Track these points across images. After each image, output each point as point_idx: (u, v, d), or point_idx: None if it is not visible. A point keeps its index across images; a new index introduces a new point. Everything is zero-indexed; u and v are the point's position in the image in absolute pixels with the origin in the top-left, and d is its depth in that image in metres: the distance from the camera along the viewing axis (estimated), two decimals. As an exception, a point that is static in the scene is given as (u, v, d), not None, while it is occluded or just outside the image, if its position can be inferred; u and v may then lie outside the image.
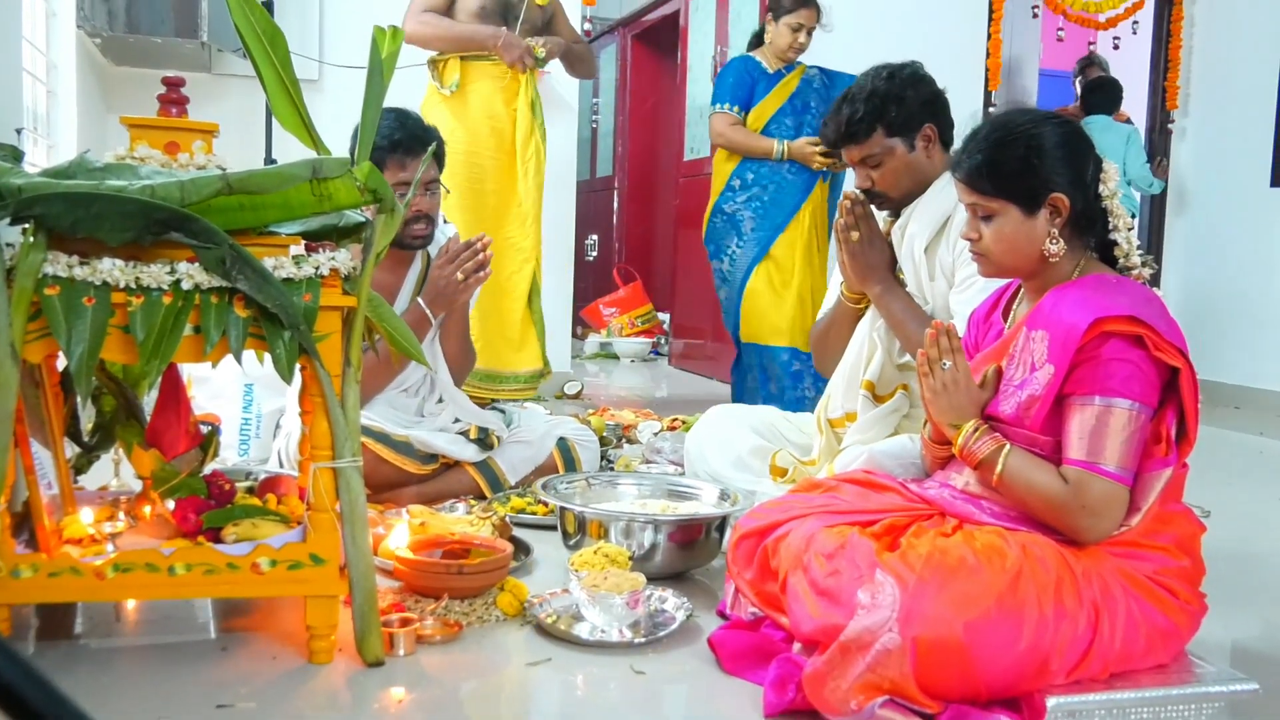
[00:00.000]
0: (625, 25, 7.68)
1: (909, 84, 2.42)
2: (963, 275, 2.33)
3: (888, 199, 2.46)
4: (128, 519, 1.91)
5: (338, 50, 4.61)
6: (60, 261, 1.59)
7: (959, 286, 2.35)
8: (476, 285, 2.73)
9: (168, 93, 1.84)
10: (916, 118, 2.41)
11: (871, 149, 2.41)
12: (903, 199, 2.46)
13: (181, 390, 1.98)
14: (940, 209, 2.40)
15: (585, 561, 2.02)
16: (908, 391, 2.41)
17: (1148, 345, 1.62)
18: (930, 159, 2.44)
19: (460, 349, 2.88)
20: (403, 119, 2.72)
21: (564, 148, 5.12)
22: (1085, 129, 1.83)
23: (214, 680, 1.69)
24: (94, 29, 3.79)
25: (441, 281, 2.70)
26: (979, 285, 2.26)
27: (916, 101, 2.41)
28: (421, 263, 2.85)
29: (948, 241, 2.38)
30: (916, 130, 2.41)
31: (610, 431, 3.70)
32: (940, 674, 1.50)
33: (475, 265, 2.69)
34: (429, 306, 2.71)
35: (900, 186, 2.43)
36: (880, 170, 2.42)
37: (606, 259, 7.80)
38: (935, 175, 2.44)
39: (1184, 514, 1.73)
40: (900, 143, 2.41)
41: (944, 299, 2.39)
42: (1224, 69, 5.69)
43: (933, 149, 2.44)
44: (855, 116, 2.39)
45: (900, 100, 2.40)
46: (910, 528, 1.76)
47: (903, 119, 2.39)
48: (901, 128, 2.40)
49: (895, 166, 2.41)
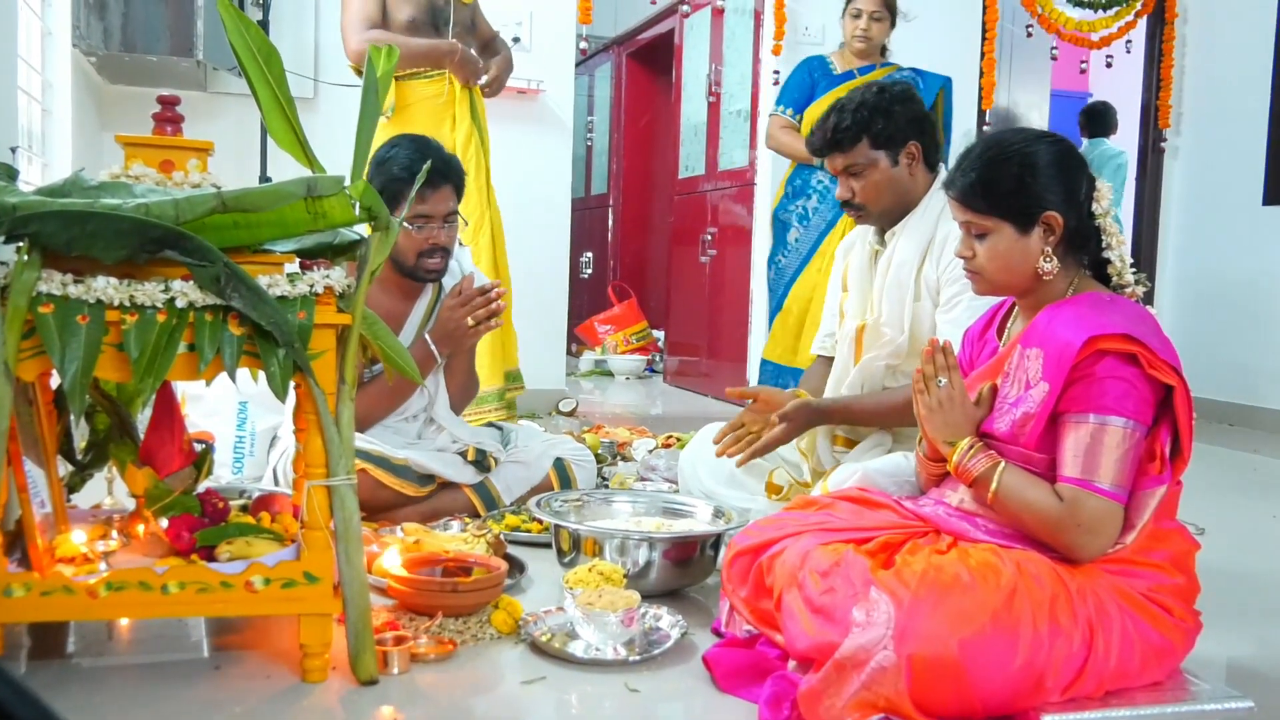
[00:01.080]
0: (620, 44, 7.71)
1: (898, 100, 2.45)
2: (948, 294, 2.36)
3: (867, 212, 2.49)
4: (121, 537, 1.90)
5: (333, 69, 4.62)
6: (54, 279, 1.59)
7: (944, 306, 2.37)
8: (486, 331, 2.73)
9: (163, 111, 1.84)
10: (902, 133, 2.44)
11: (855, 159, 2.44)
12: (882, 214, 2.49)
13: (175, 408, 1.98)
14: (926, 231, 2.43)
15: (580, 579, 2.02)
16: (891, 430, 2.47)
17: (1142, 363, 1.62)
18: (913, 177, 2.47)
19: (464, 384, 2.89)
20: (423, 149, 2.70)
21: (559, 166, 5.13)
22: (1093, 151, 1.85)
23: (207, 699, 1.68)
24: (89, 47, 3.79)
25: (451, 324, 2.69)
26: (964, 303, 2.29)
27: (904, 117, 2.44)
28: (433, 293, 2.84)
29: (933, 261, 2.41)
30: (901, 146, 2.44)
31: (605, 449, 3.70)
32: (935, 692, 1.50)
33: (487, 313, 2.69)
34: (436, 345, 2.70)
35: (881, 200, 2.46)
36: (862, 181, 2.45)
37: (601, 276, 7.81)
38: (917, 194, 2.48)
39: (1178, 531, 1.73)
40: (884, 156, 2.44)
41: (929, 318, 2.41)
42: (1216, 88, 5.72)
43: (916, 167, 2.47)
44: (842, 125, 2.43)
45: (888, 114, 2.43)
46: (905, 545, 1.76)
47: (889, 133, 2.43)
48: (887, 141, 2.43)
49: (877, 179, 2.44)
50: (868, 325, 2.51)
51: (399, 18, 3.76)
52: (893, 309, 2.46)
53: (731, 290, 5.68)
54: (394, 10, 3.76)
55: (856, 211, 2.50)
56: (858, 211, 2.50)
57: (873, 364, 2.47)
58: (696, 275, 6.06)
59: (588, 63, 8.03)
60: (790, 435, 2.44)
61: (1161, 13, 5.82)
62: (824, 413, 2.47)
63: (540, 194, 4.91)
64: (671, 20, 6.48)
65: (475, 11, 4.05)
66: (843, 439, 2.53)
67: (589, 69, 8.11)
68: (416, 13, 3.77)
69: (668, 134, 6.70)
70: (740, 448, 2.45)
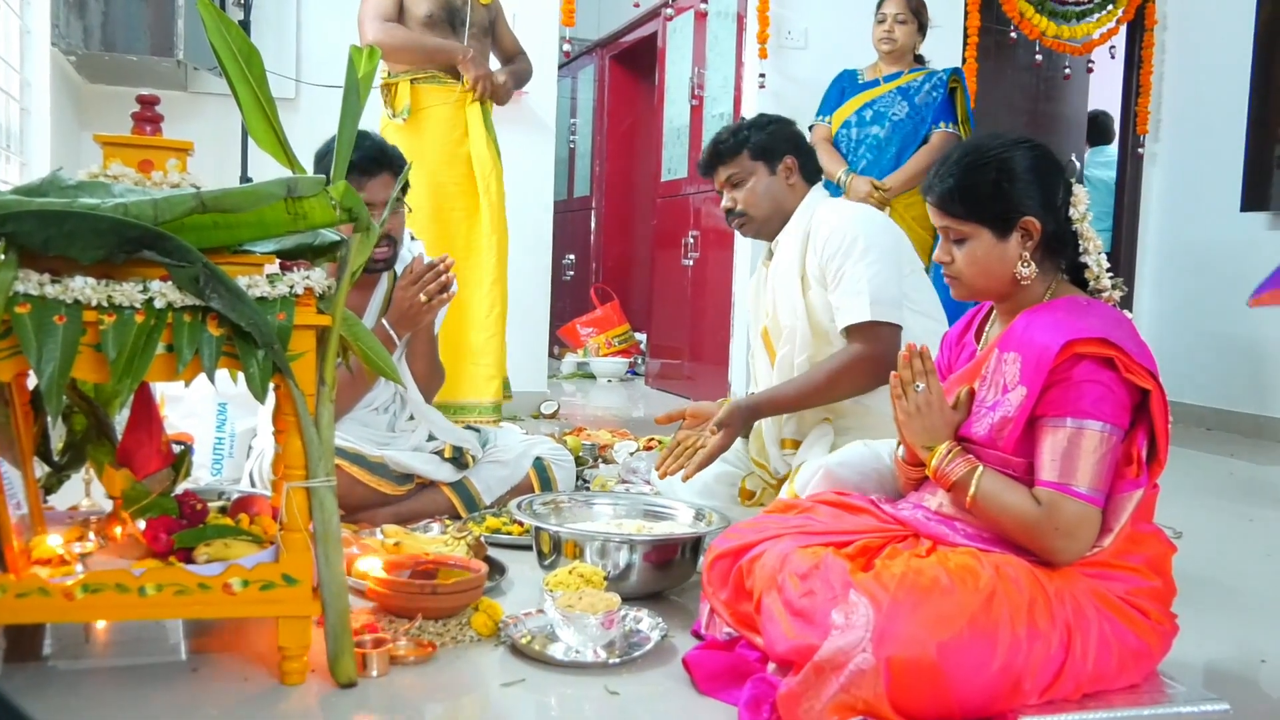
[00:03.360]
0: (603, 46, 7.71)
1: (775, 121, 2.69)
2: (831, 271, 2.48)
3: (749, 219, 2.67)
4: (98, 539, 1.89)
5: (314, 69, 4.61)
6: (31, 279, 1.58)
7: (832, 286, 2.48)
8: (440, 306, 2.73)
9: (142, 110, 1.83)
10: (779, 148, 2.64)
11: (734, 169, 2.64)
12: (763, 223, 2.66)
13: (153, 409, 1.97)
14: (800, 229, 2.59)
15: (560, 582, 2.02)
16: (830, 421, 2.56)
17: (1119, 367, 1.64)
18: (791, 188, 2.66)
19: (428, 369, 2.87)
20: (359, 140, 2.70)
21: (541, 168, 5.13)
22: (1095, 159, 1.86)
23: (185, 702, 1.67)
24: (69, 46, 3.77)
25: (405, 303, 2.68)
26: (846, 274, 2.44)
27: (781, 135, 2.66)
28: (387, 283, 2.84)
29: (814, 251, 2.53)
30: (779, 159, 2.63)
31: (586, 451, 3.70)
32: (914, 694, 1.51)
33: (438, 286, 2.69)
34: (393, 327, 2.70)
35: (761, 208, 2.64)
36: (742, 190, 2.65)
37: (584, 279, 7.81)
38: (795, 205, 2.64)
39: (1155, 534, 1.74)
40: (763, 166, 2.64)
41: (822, 304, 2.51)
42: (1195, 94, 5.75)
43: (794, 178, 2.65)
44: (721, 140, 2.67)
45: (763, 129, 2.65)
46: (884, 549, 1.77)
47: (766, 145, 2.63)
48: (765, 153, 2.63)
49: (756, 188, 2.64)
50: (768, 327, 2.65)
51: (416, 12, 3.76)
52: (785, 303, 2.58)
53: (714, 293, 5.69)
54: (411, 5, 3.77)
55: (739, 220, 2.67)
56: (740, 220, 2.67)
57: (787, 360, 2.55)
58: (679, 278, 6.07)
59: (570, 65, 8.02)
60: (730, 439, 2.47)
61: (1141, 20, 5.86)
62: (755, 408, 2.52)
63: (523, 196, 4.90)
64: (654, 23, 6.49)
65: (498, 18, 4.05)
66: (790, 442, 2.58)
67: (572, 71, 8.11)
68: (434, 9, 3.77)
69: (650, 137, 6.70)
70: (682, 463, 2.46)
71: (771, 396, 2.52)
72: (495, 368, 3.82)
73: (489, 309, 3.85)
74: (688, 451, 2.46)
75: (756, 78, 5.15)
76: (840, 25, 5.13)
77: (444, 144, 3.81)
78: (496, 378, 3.83)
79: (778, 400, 2.51)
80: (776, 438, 2.60)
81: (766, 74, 5.14)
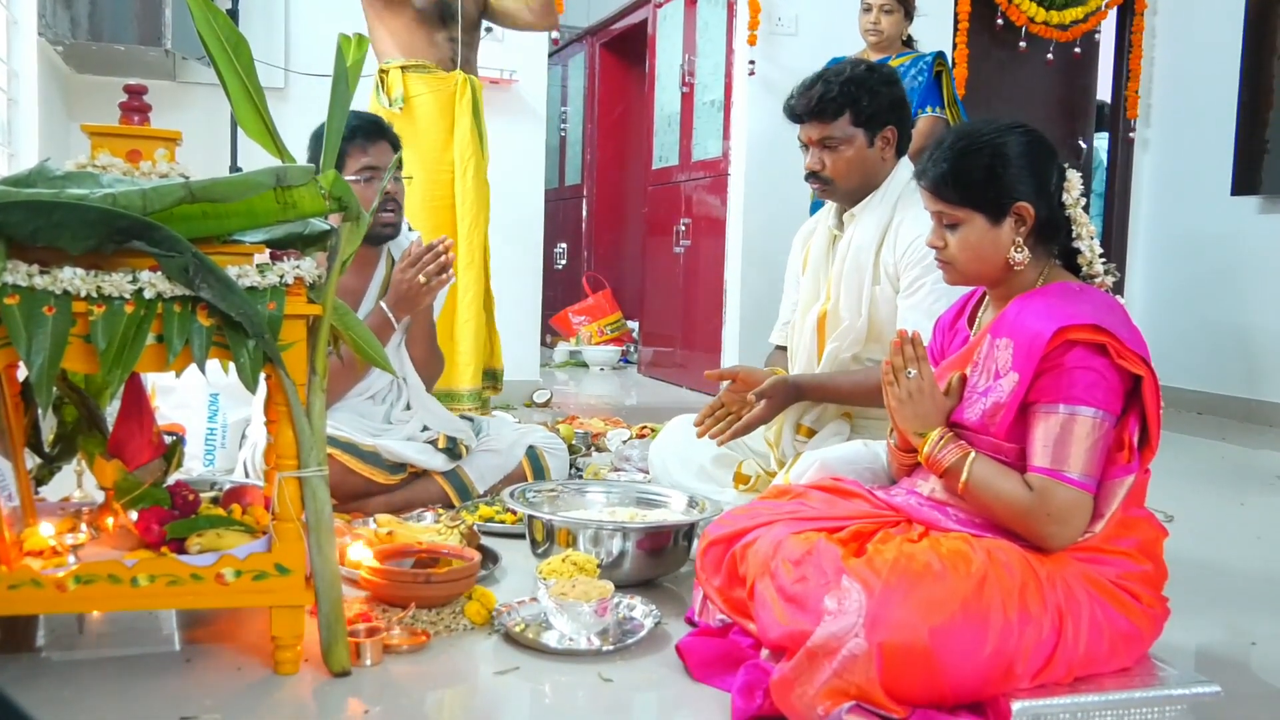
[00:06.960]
0: (593, 34, 7.69)
1: (884, 81, 2.46)
2: (909, 279, 2.37)
3: (833, 187, 2.48)
4: (90, 530, 1.89)
5: (303, 58, 4.59)
6: (20, 270, 1.57)
7: (906, 290, 2.38)
8: (440, 288, 2.72)
9: (130, 100, 1.82)
10: (884, 115, 2.44)
11: (833, 132, 2.43)
12: (847, 193, 2.49)
13: (144, 400, 1.96)
14: (884, 214, 2.45)
15: (553, 569, 2.02)
16: (850, 418, 2.50)
17: (1111, 353, 1.64)
18: (884, 160, 2.48)
19: (427, 353, 2.87)
20: (355, 114, 2.69)
21: (532, 156, 5.12)
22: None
23: (178, 692, 1.67)
24: (56, 36, 3.75)
25: (404, 285, 2.68)
26: (927, 286, 2.31)
27: (888, 99, 2.45)
28: (386, 266, 2.84)
29: (890, 245, 2.42)
30: (880, 128, 2.45)
31: (579, 439, 3.70)
32: (906, 679, 1.51)
33: (437, 268, 2.68)
34: (392, 310, 2.70)
35: (850, 178, 2.46)
36: (835, 156, 2.44)
37: (575, 267, 7.80)
38: (883, 178, 2.48)
39: (1147, 519, 1.74)
40: (862, 134, 2.44)
41: (887, 303, 2.42)
42: (1185, 79, 5.76)
43: (888, 152, 2.48)
44: (828, 95, 2.42)
45: (874, 93, 2.42)
46: (877, 534, 1.77)
47: (871, 111, 2.43)
48: (868, 120, 2.43)
49: (850, 157, 2.44)
50: (827, 311, 2.52)
51: (410, 4, 3.75)
52: (850, 293, 2.47)
53: (706, 281, 5.69)
54: None
55: (823, 185, 2.49)
56: (824, 185, 2.49)
57: (837, 355, 2.49)
58: (671, 266, 6.06)
59: (561, 53, 8.00)
60: (770, 413, 2.43)
61: (1131, 4, 5.86)
62: (802, 389, 2.46)
63: (514, 185, 4.89)
64: (644, 10, 6.47)
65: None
66: (805, 429, 2.54)
67: (562, 59, 8.08)
68: (425, 3, 3.76)
69: (641, 124, 6.69)
70: (721, 428, 2.45)
71: (821, 383, 2.46)
72: (471, 354, 3.77)
73: (462, 293, 3.81)
74: (730, 417, 2.44)
75: (748, 64, 5.14)
76: (830, 11, 5.13)
77: (435, 133, 3.80)
78: (472, 364, 3.77)
79: (827, 389, 2.45)
80: (794, 421, 2.54)
81: (756, 61, 5.14)
